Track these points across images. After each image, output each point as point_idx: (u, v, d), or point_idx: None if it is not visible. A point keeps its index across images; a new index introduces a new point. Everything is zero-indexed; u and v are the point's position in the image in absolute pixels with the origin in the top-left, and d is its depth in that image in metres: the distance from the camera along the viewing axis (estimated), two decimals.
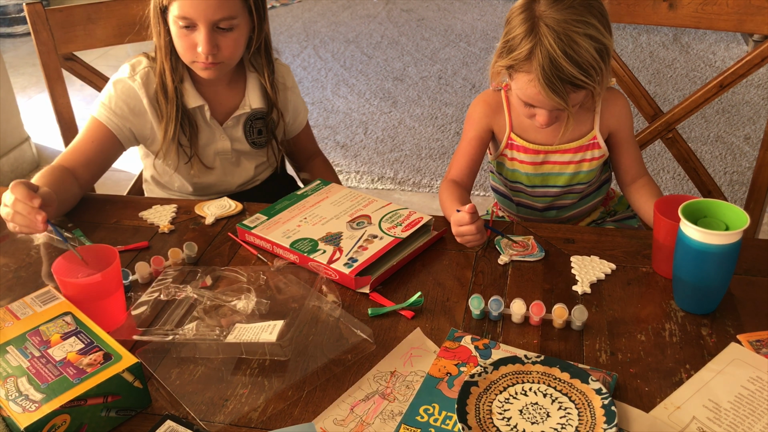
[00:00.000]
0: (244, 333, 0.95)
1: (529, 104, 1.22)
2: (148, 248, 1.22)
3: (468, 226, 1.12)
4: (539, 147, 1.33)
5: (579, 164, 1.34)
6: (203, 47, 1.29)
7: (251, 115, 1.47)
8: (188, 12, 1.28)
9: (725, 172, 2.75)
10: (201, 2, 1.27)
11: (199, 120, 1.43)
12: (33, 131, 3.12)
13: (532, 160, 1.35)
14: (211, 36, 1.29)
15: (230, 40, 1.33)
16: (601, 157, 1.34)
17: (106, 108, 1.38)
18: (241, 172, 1.52)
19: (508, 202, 1.46)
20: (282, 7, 4.89)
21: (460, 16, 4.51)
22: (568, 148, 1.33)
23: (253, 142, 1.49)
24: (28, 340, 0.92)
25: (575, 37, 1.13)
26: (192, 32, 1.30)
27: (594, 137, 1.33)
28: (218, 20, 1.29)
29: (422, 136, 3.15)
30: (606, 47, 1.16)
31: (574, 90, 1.17)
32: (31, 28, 1.50)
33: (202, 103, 1.41)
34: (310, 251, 1.13)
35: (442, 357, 0.93)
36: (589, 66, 1.14)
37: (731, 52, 3.77)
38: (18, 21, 4.44)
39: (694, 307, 1.01)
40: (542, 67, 1.14)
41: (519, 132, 1.34)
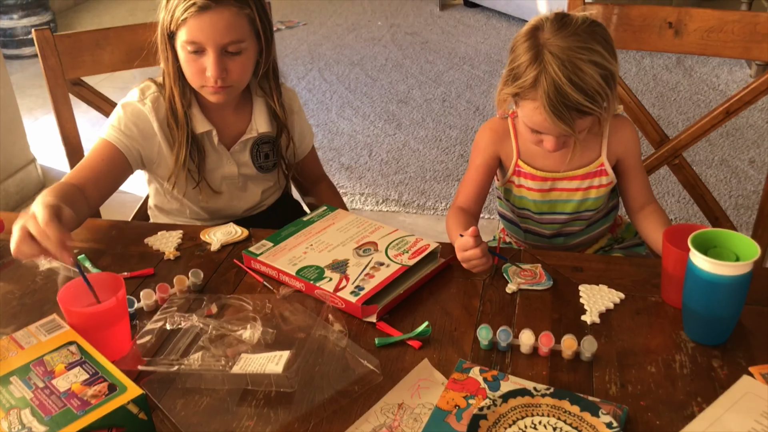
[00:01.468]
0: (250, 364, 0.94)
1: (536, 131, 1.22)
2: (153, 275, 1.21)
3: (473, 250, 1.11)
4: (546, 174, 1.33)
5: (587, 191, 1.34)
6: (212, 71, 1.30)
7: (258, 140, 1.47)
8: (196, 36, 1.28)
9: (730, 195, 2.75)
10: (209, 26, 1.27)
11: (207, 145, 1.44)
12: (39, 153, 3.13)
13: (540, 187, 1.34)
14: (219, 60, 1.30)
15: (238, 64, 1.33)
16: (608, 184, 1.34)
17: (116, 129, 1.38)
18: (248, 196, 1.52)
19: (515, 229, 1.45)
20: (287, 29, 4.92)
21: (463, 40, 4.53)
22: (575, 175, 1.33)
23: (260, 166, 1.49)
24: (32, 370, 0.91)
25: (580, 64, 1.13)
26: (200, 57, 1.31)
27: (601, 164, 1.32)
28: (227, 44, 1.30)
29: (426, 158, 3.15)
30: (611, 73, 1.16)
31: (580, 116, 1.17)
32: (39, 54, 1.51)
33: (210, 128, 1.41)
34: (317, 279, 1.12)
35: (451, 389, 0.92)
36: (595, 92, 1.14)
37: (735, 75, 3.77)
38: (26, 43, 4.48)
39: (705, 338, 1.00)
40: (547, 94, 1.14)
41: (526, 159, 1.34)
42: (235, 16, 1.29)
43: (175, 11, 1.28)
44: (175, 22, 1.29)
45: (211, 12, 1.27)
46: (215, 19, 1.27)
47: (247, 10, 1.31)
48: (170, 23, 1.30)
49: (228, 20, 1.28)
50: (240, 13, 1.30)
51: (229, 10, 1.28)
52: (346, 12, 5.25)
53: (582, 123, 1.19)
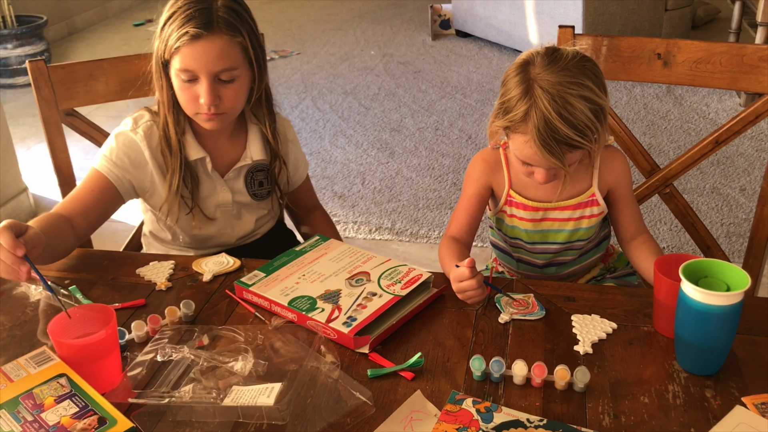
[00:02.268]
0: (241, 396, 0.94)
1: (527, 163, 1.23)
2: (145, 306, 1.20)
3: (469, 281, 1.11)
4: (538, 204, 1.34)
5: (578, 221, 1.34)
6: (205, 98, 1.31)
7: (253, 167, 1.48)
8: (190, 64, 1.30)
9: (722, 223, 2.76)
10: (202, 54, 1.29)
11: (200, 172, 1.44)
12: (31, 182, 3.12)
13: (532, 217, 1.35)
14: (212, 87, 1.31)
15: (232, 91, 1.34)
16: (600, 214, 1.34)
17: (107, 159, 1.38)
18: (242, 224, 1.52)
19: (508, 258, 1.45)
20: (281, 59, 4.96)
21: (455, 69, 4.57)
22: (567, 205, 1.33)
23: (254, 194, 1.50)
24: (21, 403, 0.90)
25: (570, 99, 1.14)
26: (194, 84, 1.32)
27: (592, 194, 1.33)
28: (219, 71, 1.31)
29: (419, 186, 3.16)
30: (601, 108, 1.17)
31: (570, 150, 1.18)
32: (32, 85, 1.52)
33: (203, 155, 1.42)
34: (309, 310, 1.12)
35: (444, 421, 0.92)
36: (585, 126, 1.15)
37: (724, 104, 3.82)
38: (19, 72, 4.49)
39: (697, 368, 1.00)
40: (538, 128, 1.15)
41: (518, 189, 1.35)
42: (227, 45, 1.30)
43: (168, 39, 1.30)
44: (168, 50, 1.30)
45: (204, 40, 1.28)
46: (207, 47, 1.29)
47: (240, 38, 1.32)
48: (164, 51, 1.32)
49: (220, 48, 1.30)
50: (232, 41, 1.31)
51: (221, 39, 1.29)
52: (339, 41, 5.30)
53: (572, 157, 1.20)
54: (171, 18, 1.30)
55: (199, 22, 1.28)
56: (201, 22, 1.28)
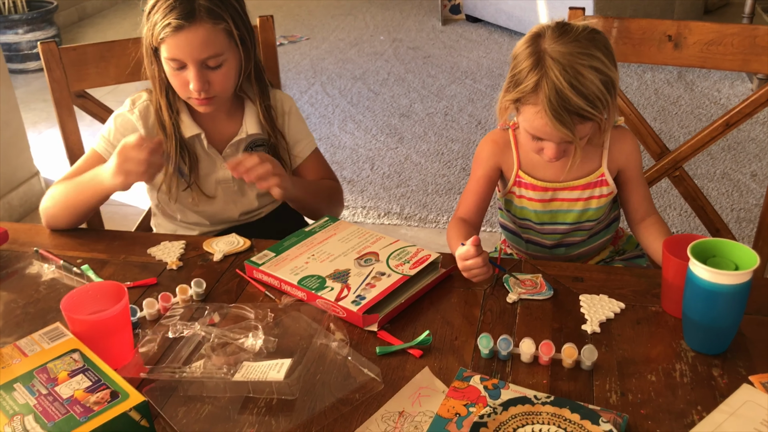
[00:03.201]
0: (252, 371, 0.95)
1: (537, 137, 1.23)
2: (156, 285, 1.22)
3: (474, 259, 1.12)
4: (547, 184, 1.34)
5: (587, 201, 1.34)
6: (194, 85, 1.33)
7: (251, 142, 1.48)
8: (175, 54, 1.32)
9: (732, 209, 2.75)
10: (186, 44, 1.30)
11: (198, 149, 1.46)
12: (42, 166, 3.14)
13: (541, 197, 1.35)
14: (200, 74, 1.33)
15: (220, 76, 1.36)
16: (609, 194, 1.34)
17: (106, 140, 1.42)
18: (245, 201, 1.53)
19: (516, 239, 1.46)
20: (290, 44, 4.95)
21: (465, 54, 4.56)
22: (576, 185, 1.33)
23: None
24: (36, 377, 0.91)
25: (581, 69, 1.14)
26: (183, 71, 1.34)
27: (602, 174, 1.33)
28: (205, 59, 1.32)
29: (428, 171, 3.16)
30: (611, 80, 1.18)
31: (581, 121, 1.18)
32: (44, 66, 1.53)
33: (198, 131, 1.44)
34: (318, 288, 1.13)
35: (451, 397, 0.93)
36: (595, 97, 1.15)
37: (736, 89, 3.79)
38: (30, 57, 4.51)
39: (705, 347, 1.01)
40: (549, 98, 1.15)
41: (527, 169, 1.35)
42: (210, 32, 1.31)
43: (154, 28, 1.32)
44: (155, 38, 1.32)
45: (187, 31, 1.29)
46: (191, 37, 1.30)
47: (223, 24, 1.33)
48: (152, 38, 1.34)
49: (203, 37, 1.31)
50: (215, 28, 1.32)
51: (204, 27, 1.30)
52: (348, 27, 5.28)
53: (582, 129, 1.20)
54: (154, 7, 1.32)
55: (180, 13, 1.29)
56: (183, 13, 1.29)
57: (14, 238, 1.37)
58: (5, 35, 4.46)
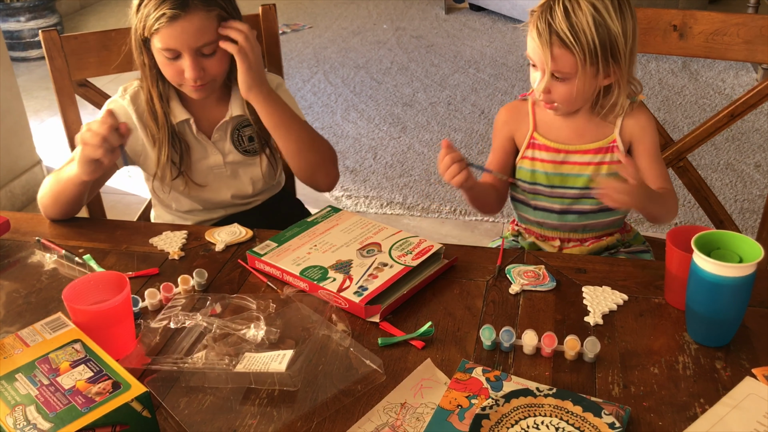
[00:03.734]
0: (254, 362, 0.95)
1: (533, 64, 1.28)
2: (158, 274, 1.22)
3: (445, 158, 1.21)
4: (560, 146, 1.36)
5: (598, 166, 1.35)
6: (190, 73, 1.34)
7: (238, 124, 1.49)
8: (171, 43, 1.32)
9: (735, 200, 2.74)
10: (181, 33, 1.31)
11: (189, 136, 1.47)
12: (45, 154, 3.14)
13: (553, 159, 1.37)
14: (195, 61, 1.34)
15: (215, 62, 1.37)
16: (620, 161, 1.33)
17: None
18: (237, 184, 1.53)
19: (525, 208, 1.44)
20: (293, 33, 4.93)
21: (469, 43, 4.54)
22: (588, 149, 1.35)
23: (246, 150, 1.51)
24: (38, 367, 0.91)
25: (581, 2, 1.20)
26: (177, 60, 1.34)
27: (613, 140, 1.34)
28: (201, 46, 1.33)
29: (431, 161, 3.15)
30: (608, 29, 1.21)
31: (560, 45, 1.21)
32: (46, 55, 1.52)
33: (187, 116, 1.44)
34: (320, 279, 1.13)
35: (453, 389, 0.92)
36: (581, 30, 1.20)
37: (740, 79, 3.77)
38: (32, 45, 4.50)
39: (708, 339, 1.00)
40: (540, 15, 1.22)
41: (542, 132, 1.38)
42: (204, 20, 1.32)
43: (146, 20, 1.31)
44: (148, 30, 1.32)
45: (182, 20, 1.30)
46: (186, 26, 1.30)
47: (216, 10, 1.33)
48: (143, 31, 1.33)
49: (198, 25, 1.31)
50: (209, 15, 1.32)
51: (198, 15, 1.31)
52: (351, 15, 5.26)
53: (561, 56, 1.22)
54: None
55: (174, 3, 1.29)
56: (176, 2, 1.29)
57: (16, 228, 1.36)
58: (7, 23, 4.45)
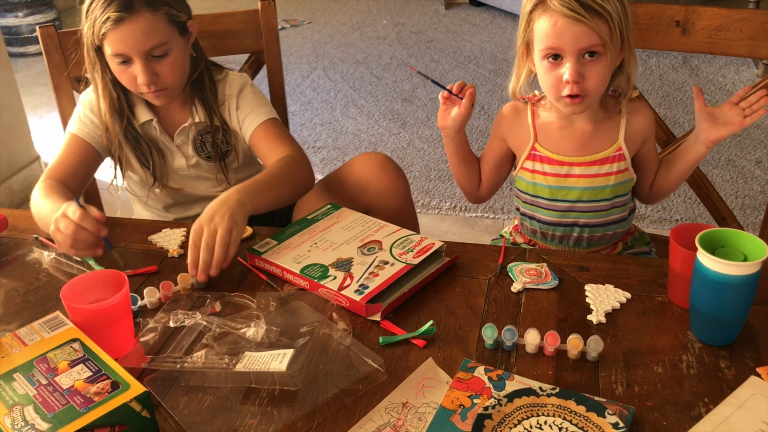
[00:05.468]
0: (254, 362, 0.94)
1: (555, 53, 1.19)
2: (157, 272, 1.21)
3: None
4: (564, 158, 1.32)
5: (607, 177, 1.32)
6: (141, 78, 1.33)
7: (201, 130, 1.48)
8: (119, 48, 1.31)
9: (737, 195, 2.73)
10: (128, 36, 1.29)
11: (154, 136, 1.48)
12: (43, 150, 3.13)
13: (556, 172, 1.32)
14: (146, 66, 1.33)
15: (167, 66, 1.35)
16: (626, 170, 1.32)
17: (79, 122, 1.44)
18: (206, 183, 1.55)
19: (529, 220, 1.41)
20: (292, 28, 4.92)
21: (468, 38, 4.52)
22: (593, 160, 1.31)
23: (208, 156, 1.51)
24: (36, 367, 0.90)
25: None
26: (129, 66, 1.33)
27: (619, 148, 1.31)
28: (150, 49, 1.32)
29: (431, 157, 3.14)
30: (624, 6, 1.17)
31: (594, 14, 1.14)
32: (43, 51, 1.51)
33: (151, 117, 1.45)
34: (321, 277, 1.12)
35: (455, 388, 0.92)
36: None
37: (741, 75, 3.76)
38: (30, 41, 4.48)
39: (712, 338, 0.99)
40: None
41: (542, 142, 1.33)
42: (151, 22, 1.30)
43: (94, 26, 1.30)
44: (96, 35, 1.31)
45: (127, 22, 1.28)
46: (132, 29, 1.29)
47: (163, 9, 1.32)
48: (93, 37, 1.32)
49: (145, 27, 1.30)
50: (156, 16, 1.31)
51: (144, 17, 1.30)
52: (350, 10, 5.24)
53: (598, 25, 1.15)
54: (92, 4, 1.30)
55: (118, 5, 1.28)
56: (120, 5, 1.28)
57: (13, 225, 1.36)
58: (5, 18, 4.43)
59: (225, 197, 1.20)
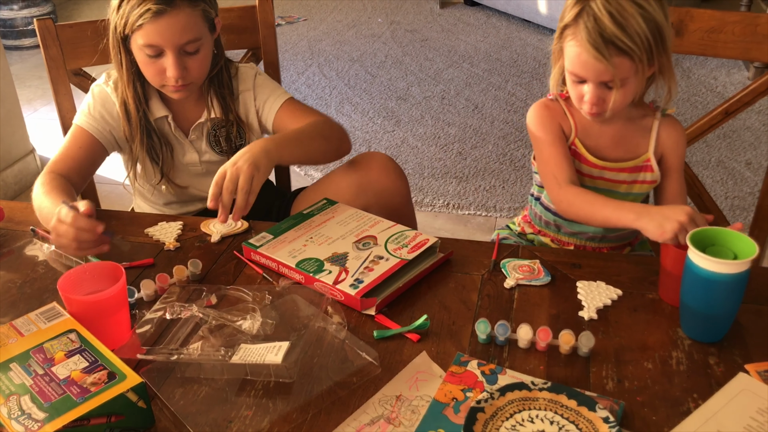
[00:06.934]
0: (249, 354, 0.95)
1: (579, 79, 1.22)
2: (153, 265, 1.21)
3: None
4: (598, 161, 1.32)
5: (630, 185, 1.34)
6: (172, 72, 1.32)
7: (215, 124, 1.48)
8: (154, 39, 1.30)
9: (726, 196, 2.76)
10: (166, 29, 1.29)
11: (167, 133, 1.47)
12: (38, 143, 3.12)
13: (589, 173, 1.34)
14: (178, 60, 1.32)
15: (197, 61, 1.36)
16: (652, 182, 1.33)
17: (88, 115, 1.42)
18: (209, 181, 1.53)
19: (545, 211, 1.42)
20: (287, 25, 4.91)
21: (463, 38, 4.53)
22: (623, 167, 1.33)
23: (222, 150, 1.51)
24: (32, 357, 0.91)
25: (623, 3, 1.15)
26: (159, 59, 1.33)
27: (647, 159, 1.32)
28: (185, 44, 1.32)
29: (425, 155, 3.15)
30: (656, 23, 1.17)
31: (617, 53, 1.16)
32: (40, 43, 1.51)
33: (166, 113, 1.45)
34: (316, 271, 1.13)
35: (448, 382, 0.93)
36: (635, 32, 1.15)
37: (732, 77, 3.78)
38: (25, 34, 4.46)
39: (702, 335, 1.01)
40: (586, 26, 1.16)
41: (582, 137, 1.33)
42: (189, 16, 1.31)
43: (129, 17, 1.29)
44: (130, 26, 1.30)
45: (168, 15, 1.28)
46: (171, 22, 1.29)
47: (201, 5, 1.33)
48: (124, 28, 1.31)
49: (184, 21, 1.30)
50: (194, 11, 1.31)
51: (184, 11, 1.30)
52: (346, 8, 5.25)
53: (620, 64, 1.17)
54: None
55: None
56: None
57: (10, 217, 1.36)
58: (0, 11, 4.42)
59: (252, 144, 1.25)
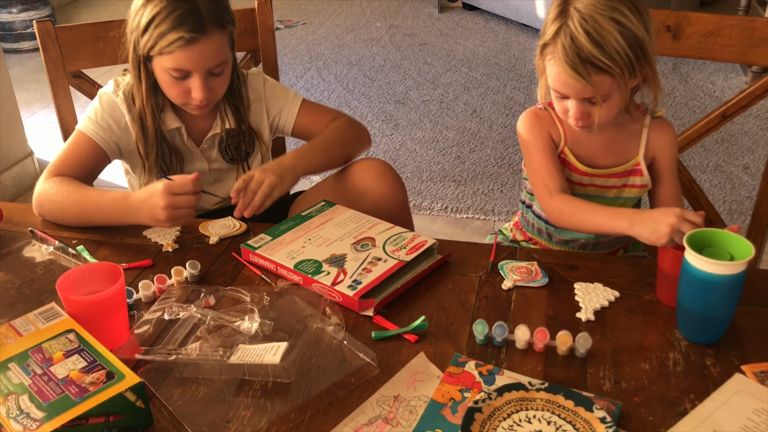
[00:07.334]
0: (248, 354, 0.95)
1: (562, 96, 1.22)
2: (151, 266, 1.22)
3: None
4: (587, 169, 1.32)
5: (620, 189, 1.34)
6: (199, 94, 1.33)
7: (227, 133, 1.49)
8: (184, 65, 1.30)
9: (724, 201, 2.76)
10: (198, 56, 1.30)
11: (178, 142, 1.47)
12: (36, 146, 3.12)
13: (579, 181, 1.34)
14: (205, 82, 1.33)
15: (221, 81, 1.37)
16: (642, 186, 1.33)
17: (92, 122, 1.41)
18: (218, 189, 1.53)
19: (536, 218, 1.42)
20: (286, 29, 4.92)
21: (461, 42, 4.54)
22: (613, 173, 1.33)
23: (231, 158, 1.52)
24: (31, 357, 0.91)
25: (600, 20, 1.14)
26: (185, 81, 1.33)
27: (637, 164, 1.32)
28: (213, 67, 1.33)
29: (423, 159, 3.16)
30: (636, 37, 1.16)
31: (596, 72, 1.16)
32: (40, 46, 1.51)
33: (179, 125, 1.44)
34: (314, 273, 1.13)
35: (446, 382, 0.93)
36: (613, 49, 1.14)
37: (730, 82, 3.79)
38: (24, 37, 4.47)
39: (698, 336, 1.01)
40: (563, 46, 1.16)
41: (571, 145, 1.33)
42: (219, 42, 1.32)
43: (158, 41, 1.28)
44: (159, 49, 1.29)
45: (200, 43, 1.29)
46: (203, 50, 1.30)
47: (228, 28, 1.33)
48: (150, 50, 1.30)
49: (215, 47, 1.31)
50: (222, 35, 1.32)
51: (215, 37, 1.30)
52: (345, 12, 5.26)
53: (600, 81, 1.17)
54: (156, 19, 1.28)
55: (192, 26, 1.27)
56: (194, 26, 1.27)
57: (9, 218, 1.36)
58: None
59: (282, 158, 1.37)
